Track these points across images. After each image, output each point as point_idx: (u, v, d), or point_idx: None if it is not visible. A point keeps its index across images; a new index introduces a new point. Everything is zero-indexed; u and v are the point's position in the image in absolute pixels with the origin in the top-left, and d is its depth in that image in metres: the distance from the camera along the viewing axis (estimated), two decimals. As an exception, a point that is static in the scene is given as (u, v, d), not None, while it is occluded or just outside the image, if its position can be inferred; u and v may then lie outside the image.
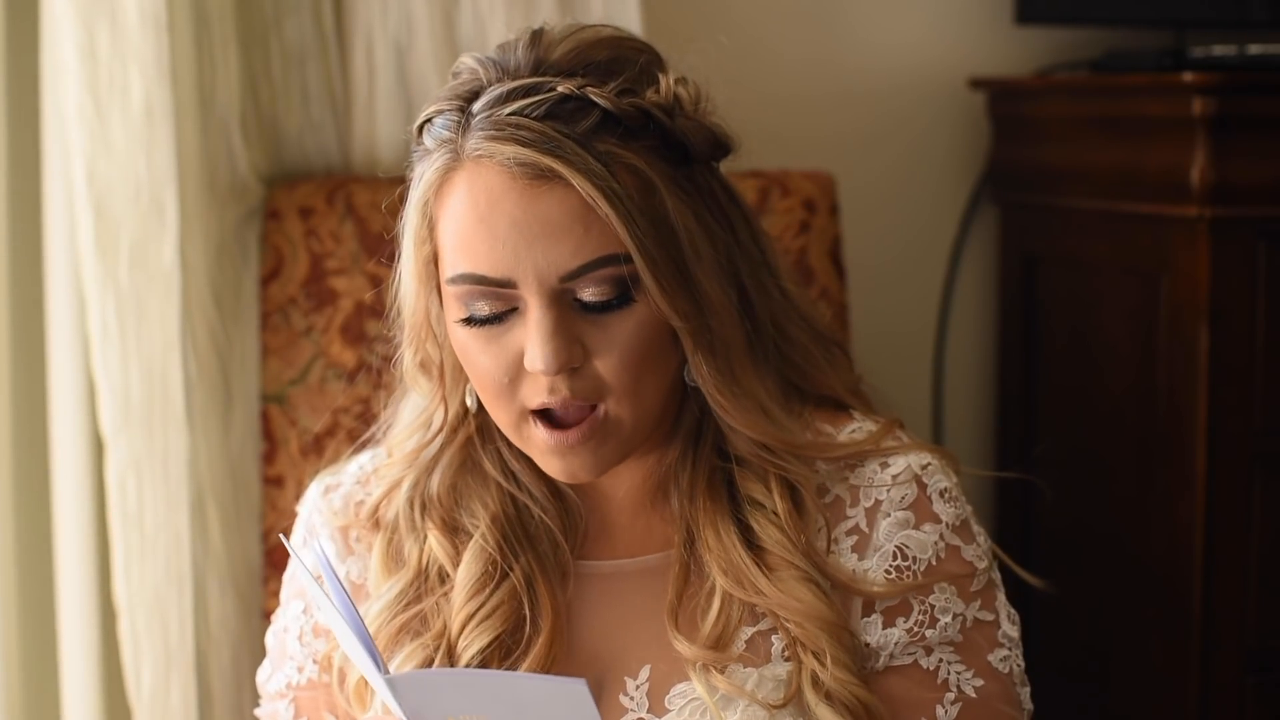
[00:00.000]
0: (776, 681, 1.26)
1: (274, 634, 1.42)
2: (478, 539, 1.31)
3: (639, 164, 1.22)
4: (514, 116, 1.20)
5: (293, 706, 1.37)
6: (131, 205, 1.74)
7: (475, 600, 1.29)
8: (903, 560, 1.29)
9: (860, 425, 1.36)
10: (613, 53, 1.27)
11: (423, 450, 1.35)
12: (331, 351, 1.80)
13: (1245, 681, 1.83)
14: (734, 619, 1.27)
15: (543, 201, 1.20)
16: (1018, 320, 2.15)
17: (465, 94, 1.25)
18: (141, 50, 1.71)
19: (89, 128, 1.72)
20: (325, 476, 1.44)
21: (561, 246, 1.20)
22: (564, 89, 1.21)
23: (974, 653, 1.30)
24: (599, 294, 1.22)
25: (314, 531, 1.41)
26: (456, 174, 1.23)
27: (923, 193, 2.21)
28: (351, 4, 1.88)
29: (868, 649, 1.29)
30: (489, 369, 1.24)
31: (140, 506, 1.77)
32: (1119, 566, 1.95)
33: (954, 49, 2.18)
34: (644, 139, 1.23)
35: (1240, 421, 1.80)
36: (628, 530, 1.35)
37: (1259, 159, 1.78)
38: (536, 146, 1.19)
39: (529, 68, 1.24)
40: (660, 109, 1.24)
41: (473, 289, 1.23)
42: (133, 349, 1.75)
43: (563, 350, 1.21)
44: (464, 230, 1.22)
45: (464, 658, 1.27)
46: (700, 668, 1.25)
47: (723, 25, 2.05)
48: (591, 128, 1.21)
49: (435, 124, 1.26)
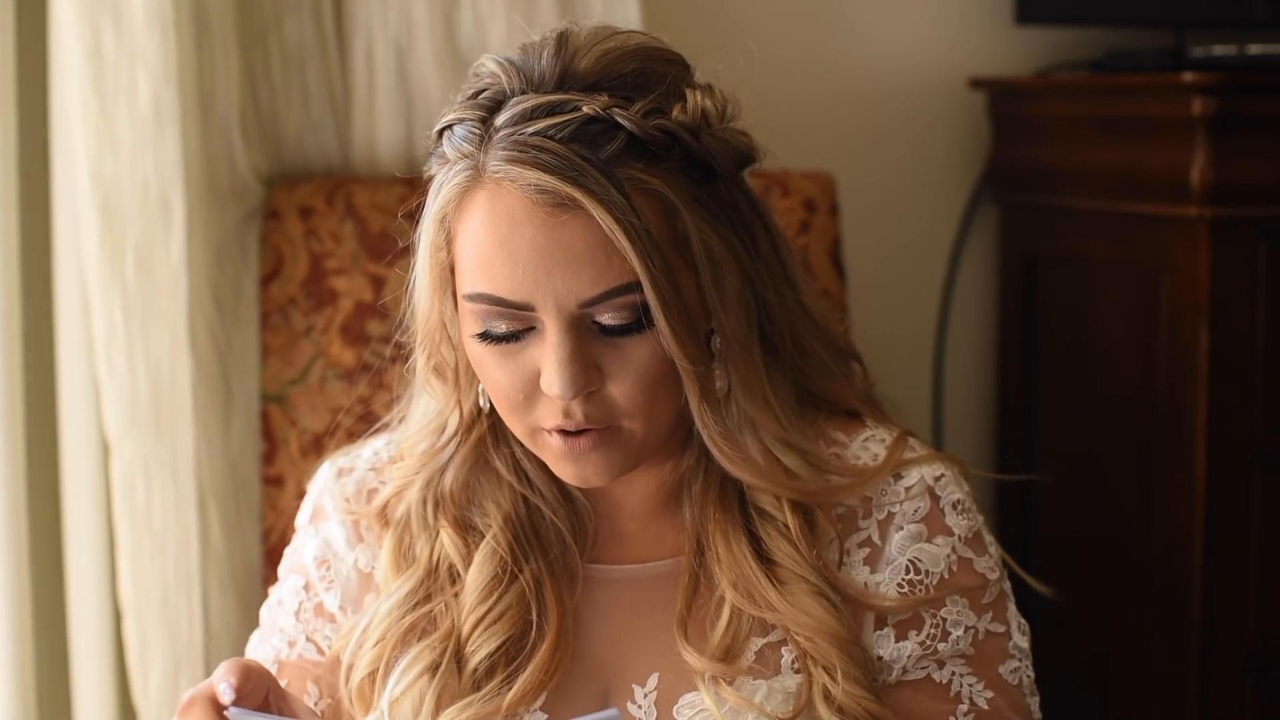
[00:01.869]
0: (786, 694, 1.25)
1: (268, 606, 1.41)
2: (490, 539, 1.31)
3: (662, 189, 1.20)
4: (537, 138, 1.18)
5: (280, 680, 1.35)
6: (138, 205, 1.74)
7: (486, 604, 1.28)
8: (915, 574, 1.29)
9: (873, 433, 1.35)
10: (640, 65, 1.24)
11: (437, 454, 1.34)
12: (331, 351, 1.80)
13: (1245, 681, 1.83)
14: (743, 631, 1.26)
15: (564, 229, 1.18)
16: (1018, 320, 2.15)
17: (487, 103, 1.23)
18: (148, 50, 1.71)
19: (95, 127, 1.72)
20: (339, 458, 1.43)
21: (582, 274, 1.19)
22: (589, 109, 1.19)
23: (985, 665, 1.29)
24: (618, 319, 1.21)
25: (323, 513, 1.40)
26: (477, 192, 1.21)
27: (923, 193, 2.21)
28: (351, 4, 1.88)
29: (880, 662, 1.28)
30: (504, 385, 1.24)
31: (149, 507, 1.77)
32: (1119, 566, 1.95)
33: (954, 49, 2.18)
34: (668, 161, 1.22)
35: (1240, 421, 1.80)
36: (638, 536, 1.34)
37: (1259, 159, 1.78)
38: (559, 174, 1.17)
39: (554, 79, 1.21)
40: (686, 129, 1.22)
41: (490, 309, 1.21)
42: (139, 349, 1.75)
43: (579, 376, 1.20)
44: (483, 251, 1.21)
45: (472, 661, 1.27)
46: (709, 679, 1.24)
47: (722, 25, 2.05)
48: (616, 153, 1.19)
49: (456, 133, 1.24)
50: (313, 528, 1.40)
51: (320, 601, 1.37)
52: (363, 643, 1.30)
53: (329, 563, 1.37)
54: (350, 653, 1.31)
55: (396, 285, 1.79)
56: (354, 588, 1.36)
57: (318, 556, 1.38)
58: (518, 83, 1.22)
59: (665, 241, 1.20)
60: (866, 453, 1.34)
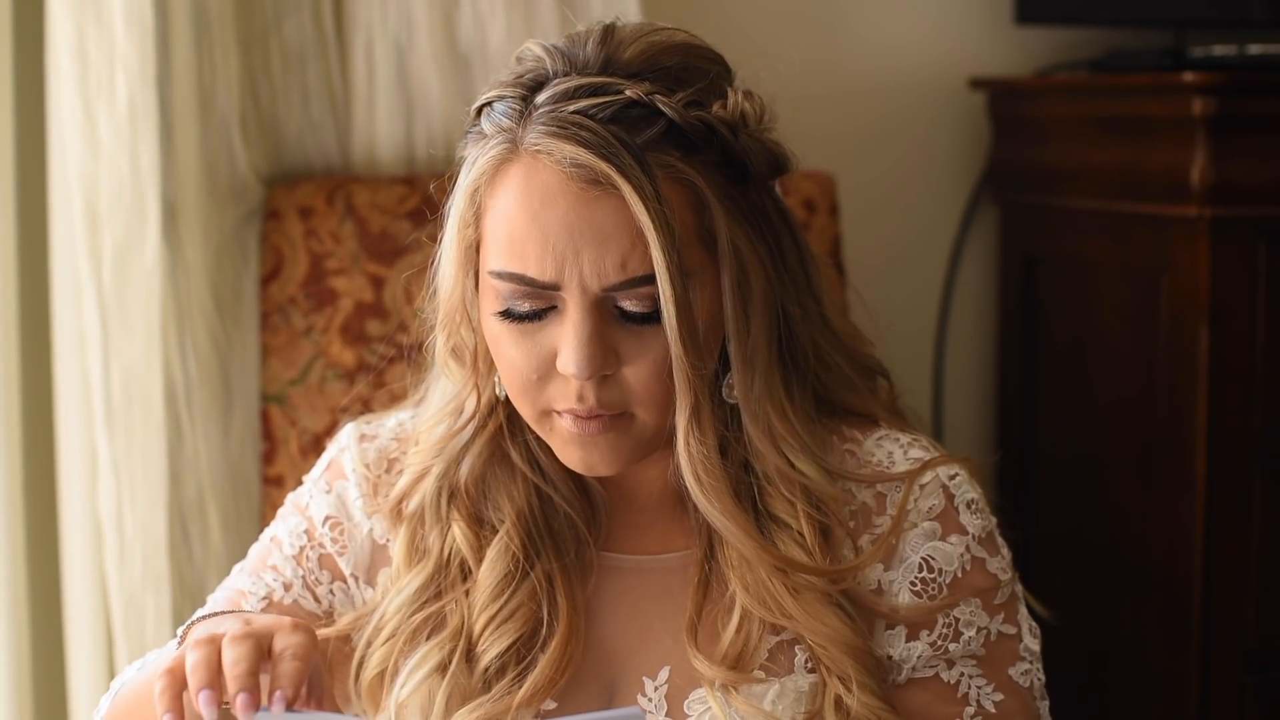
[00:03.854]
0: (799, 694, 1.25)
1: (259, 544, 1.39)
2: (503, 536, 1.30)
3: (696, 180, 1.21)
4: (577, 115, 1.18)
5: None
6: (116, 207, 1.73)
7: (498, 602, 1.28)
8: (928, 572, 1.28)
9: (887, 433, 1.34)
10: (684, 59, 1.24)
11: (452, 438, 1.33)
12: (331, 351, 1.80)
13: (1245, 681, 1.83)
14: (754, 635, 1.26)
15: (596, 208, 1.18)
16: (1018, 320, 2.15)
17: (529, 83, 1.23)
18: (126, 52, 1.71)
19: (79, 128, 1.72)
20: (362, 424, 1.41)
21: (610, 257, 1.18)
22: (632, 93, 1.19)
23: (995, 666, 1.29)
24: (640, 306, 1.20)
25: (340, 473, 1.38)
26: (512, 165, 1.21)
27: (923, 193, 2.21)
28: (351, 4, 1.88)
29: (890, 662, 1.28)
30: (519, 363, 1.23)
31: (119, 509, 1.76)
32: (1119, 566, 1.95)
33: (954, 49, 2.18)
34: (705, 154, 1.22)
35: (1240, 421, 1.80)
36: (650, 528, 1.34)
37: (1259, 159, 1.78)
38: (596, 150, 1.17)
39: (598, 65, 1.22)
40: (725, 125, 1.23)
41: (515, 287, 1.21)
42: (114, 350, 1.75)
43: (597, 356, 1.20)
44: (514, 227, 1.20)
45: (483, 660, 1.26)
46: (719, 686, 1.24)
47: (722, 25, 2.05)
48: (654, 138, 1.19)
49: (495, 109, 1.23)
50: (325, 482, 1.38)
51: (329, 554, 1.35)
52: (373, 639, 1.30)
53: (342, 525, 1.35)
54: (361, 649, 1.30)
55: (396, 285, 1.80)
56: (367, 557, 1.35)
57: (329, 515, 1.36)
58: (561, 65, 1.23)
59: (691, 236, 1.21)
60: (881, 450, 1.33)
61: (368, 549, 1.35)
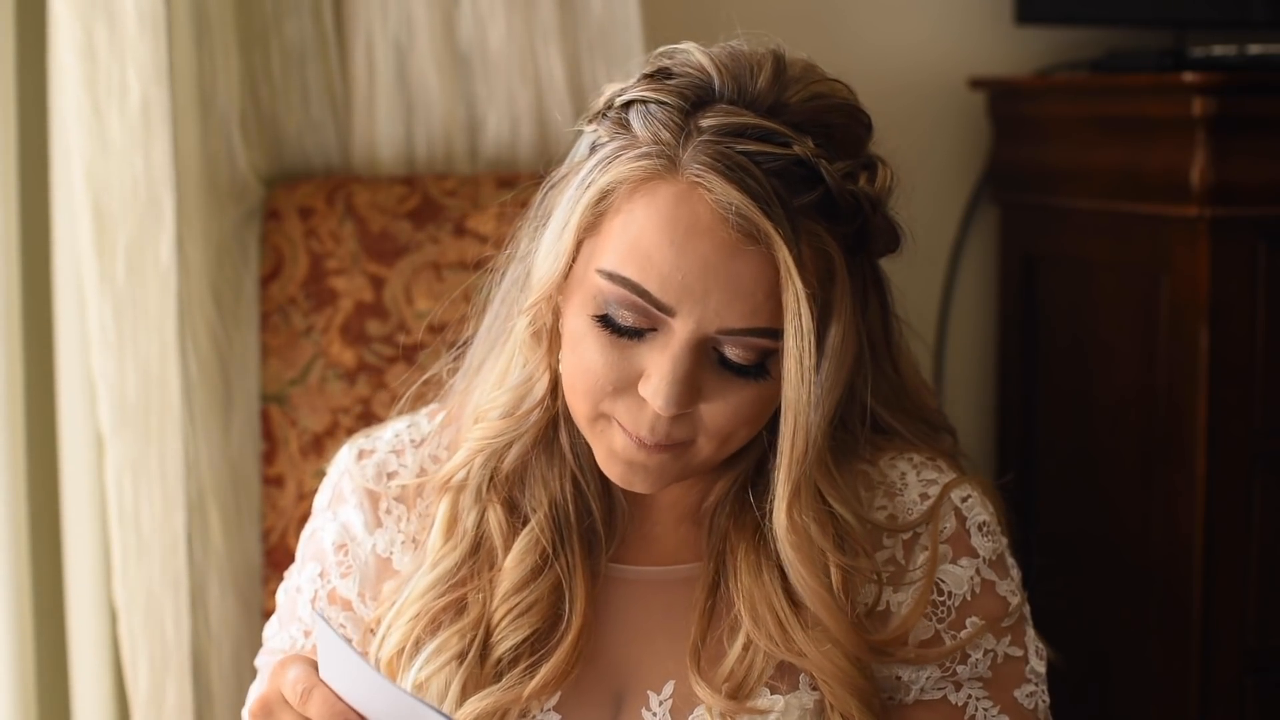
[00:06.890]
0: (803, 710, 1.25)
1: (285, 591, 1.40)
2: (533, 526, 1.29)
3: (833, 251, 1.20)
4: (745, 159, 1.16)
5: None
6: (128, 205, 1.73)
7: (520, 594, 1.27)
8: (938, 595, 1.28)
9: (899, 452, 1.34)
10: (847, 122, 1.24)
11: (522, 419, 1.30)
12: (331, 351, 1.80)
13: (1245, 681, 1.83)
14: (758, 663, 1.25)
15: (740, 258, 1.16)
16: (1018, 320, 2.15)
17: (691, 95, 1.20)
18: (139, 51, 1.71)
19: (87, 127, 1.72)
20: (359, 440, 1.41)
21: (738, 305, 1.17)
22: (800, 151, 1.17)
23: (1001, 689, 1.28)
24: (743, 357, 1.19)
25: (341, 497, 1.38)
26: (664, 184, 1.18)
27: (923, 193, 2.20)
28: (351, 4, 1.88)
29: (898, 682, 1.28)
30: (598, 371, 1.21)
31: (136, 508, 1.76)
32: (1119, 566, 1.95)
33: (954, 49, 2.18)
34: (845, 226, 1.21)
35: (1240, 421, 1.80)
36: (662, 540, 1.34)
37: (1259, 159, 1.78)
38: (760, 203, 1.15)
39: (767, 105, 1.19)
40: (871, 203, 1.23)
41: (626, 295, 1.19)
42: (129, 350, 1.75)
43: (685, 395, 1.19)
44: (647, 242, 1.18)
45: (497, 650, 1.26)
46: (718, 714, 1.23)
47: (722, 25, 2.04)
48: (811, 204, 1.18)
49: (651, 111, 1.20)
50: (330, 512, 1.39)
51: (334, 588, 1.36)
52: (400, 614, 1.29)
53: (347, 547, 1.36)
54: (387, 622, 1.30)
55: (397, 285, 1.80)
56: (372, 573, 1.35)
57: (336, 541, 1.36)
58: (730, 90, 1.20)
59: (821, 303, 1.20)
60: (894, 471, 1.33)
61: (372, 565, 1.35)
